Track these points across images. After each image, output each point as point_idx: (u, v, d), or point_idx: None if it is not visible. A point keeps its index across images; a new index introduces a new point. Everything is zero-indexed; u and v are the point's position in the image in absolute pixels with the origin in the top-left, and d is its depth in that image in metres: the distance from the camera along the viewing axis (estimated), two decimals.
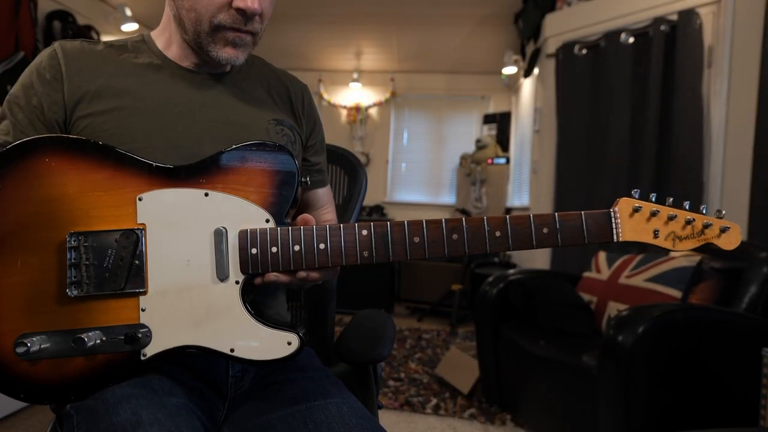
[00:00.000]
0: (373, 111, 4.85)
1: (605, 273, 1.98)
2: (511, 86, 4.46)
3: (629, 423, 1.31)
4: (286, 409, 0.67)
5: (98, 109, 0.71)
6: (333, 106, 4.90)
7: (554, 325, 1.89)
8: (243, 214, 0.66)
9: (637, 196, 0.68)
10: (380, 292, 3.80)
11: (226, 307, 0.64)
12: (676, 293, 1.67)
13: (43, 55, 0.74)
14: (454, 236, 0.66)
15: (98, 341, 0.62)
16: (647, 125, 2.53)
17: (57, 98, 0.71)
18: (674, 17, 2.46)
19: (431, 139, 4.83)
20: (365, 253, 0.66)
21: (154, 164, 0.66)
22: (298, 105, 0.88)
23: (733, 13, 2.24)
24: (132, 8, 3.38)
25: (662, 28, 2.50)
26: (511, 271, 2.19)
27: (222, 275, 0.65)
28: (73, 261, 0.63)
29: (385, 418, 2.02)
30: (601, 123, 2.77)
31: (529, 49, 3.59)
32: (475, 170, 4.26)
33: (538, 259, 3.21)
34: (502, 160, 4.22)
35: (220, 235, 0.65)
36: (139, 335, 0.63)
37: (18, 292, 0.63)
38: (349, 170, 1.14)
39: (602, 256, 2.09)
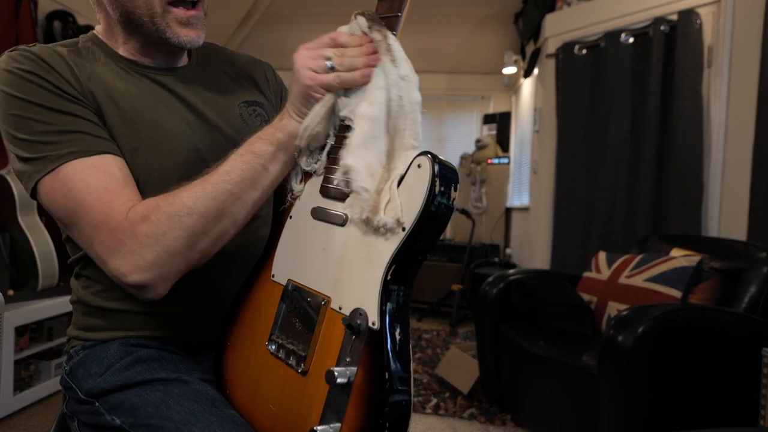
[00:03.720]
0: None
1: (605, 273, 1.98)
2: (511, 86, 4.46)
3: (629, 423, 1.31)
4: None
5: None
6: None
7: (554, 325, 1.89)
8: None
9: None
10: None
11: None
12: (676, 293, 1.67)
13: (18, 59, 0.64)
14: None
15: None
16: (647, 125, 2.53)
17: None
18: (674, 17, 2.46)
19: (431, 139, 4.83)
20: None
21: None
22: (262, 83, 0.88)
23: (733, 13, 2.25)
24: None
25: (662, 28, 2.50)
26: (511, 271, 2.19)
27: None
28: None
29: None
30: (601, 123, 2.78)
31: (529, 49, 3.59)
32: (475, 170, 4.26)
33: (538, 259, 3.22)
34: (503, 160, 4.22)
35: None
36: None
37: None
38: None
39: (602, 256, 2.09)
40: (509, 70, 3.96)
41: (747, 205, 2.12)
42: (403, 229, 0.53)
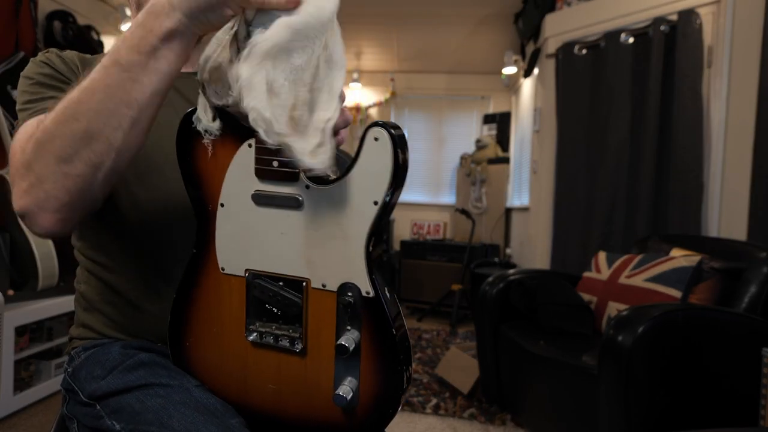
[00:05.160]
0: (373, 111, 4.85)
1: (605, 273, 1.98)
2: (511, 86, 4.46)
3: (629, 423, 1.31)
4: None
5: None
6: None
7: (554, 325, 1.89)
8: None
9: None
10: None
11: None
12: (676, 293, 1.67)
13: (45, 53, 0.72)
14: None
15: None
16: (647, 125, 2.53)
17: None
18: (674, 17, 2.46)
19: (431, 139, 4.83)
20: None
21: None
22: None
23: (733, 13, 2.25)
24: None
25: (662, 28, 2.50)
26: (511, 271, 2.19)
27: None
28: None
29: None
30: (600, 123, 2.78)
31: (529, 49, 3.59)
32: (475, 170, 4.26)
33: (538, 259, 3.21)
34: (503, 161, 4.22)
35: None
36: None
37: None
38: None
39: (602, 255, 2.09)
40: (509, 70, 3.96)
41: (747, 205, 2.12)
42: (375, 203, 0.54)
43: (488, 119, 4.55)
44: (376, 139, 0.53)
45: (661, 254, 1.89)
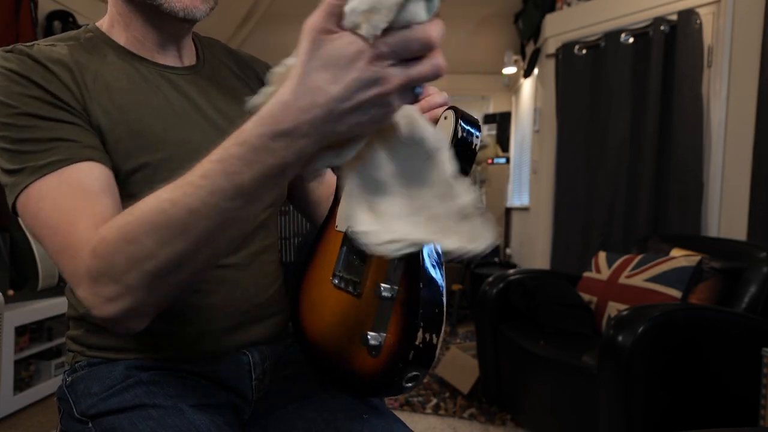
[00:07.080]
0: None
1: (605, 273, 1.98)
2: (511, 86, 4.46)
3: (629, 423, 1.31)
4: (302, 401, 0.70)
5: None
6: None
7: (554, 325, 1.89)
8: None
9: None
10: None
11: None
12: (676, 293, 1.67)
13: (10, 59, 0.58)
14: None
15: None
16: (647, 125, 2.53)
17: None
18: (674, 17, 2.46)
19: None
20: None
21: None
22: None
23: (733, 13, 2.25)
24: None
25: (662, 28, 2.50)
26: (511, 271, 2.19)
27: None
28: None
29: None
30: (601, 123, 2.78)
31: (529, 49, 3.59)
32: (474, 170, 4.26)
33: (538, 259, 3.22)
34: (502, 160, 4.22)
35: None
36: None
37: None
38: None
39: (602, 256, 2.09)
40: (509, 70, 3.96)
41: (747, 205, 2.12)
42: None
43: (488, 119, 4.56)
44: (445, 117, 0.60)
45: (661, 254, 1.89)
